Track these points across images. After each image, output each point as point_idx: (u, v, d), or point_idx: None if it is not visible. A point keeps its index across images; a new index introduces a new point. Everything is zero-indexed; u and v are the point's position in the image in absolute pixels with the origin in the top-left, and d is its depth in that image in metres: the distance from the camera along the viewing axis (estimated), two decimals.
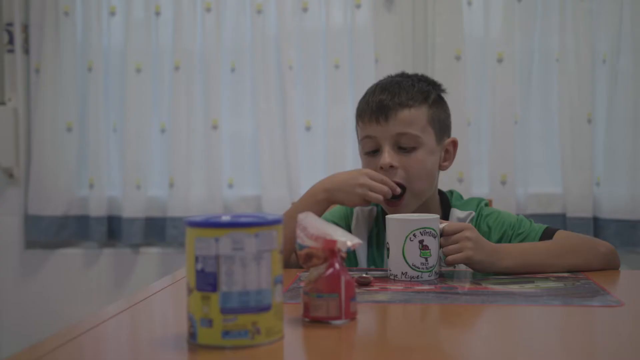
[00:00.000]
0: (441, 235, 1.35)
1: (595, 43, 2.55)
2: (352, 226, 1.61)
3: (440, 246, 1.35)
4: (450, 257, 1.34)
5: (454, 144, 1.60)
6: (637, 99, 2.51)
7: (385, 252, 1.39)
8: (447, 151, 1.59)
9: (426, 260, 1.32)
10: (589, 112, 2.53)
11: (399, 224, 1.34)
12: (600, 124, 2.57)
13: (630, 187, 2.52)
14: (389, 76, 1.62)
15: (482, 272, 1.38)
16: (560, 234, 1.50)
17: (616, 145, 2.55)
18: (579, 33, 2.53)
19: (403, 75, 1.61)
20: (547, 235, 1.50)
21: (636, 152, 2.51)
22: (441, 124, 1.56)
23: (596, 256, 1.45)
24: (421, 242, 1.32)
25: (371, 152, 1.53)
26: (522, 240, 1.52)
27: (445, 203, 1.61)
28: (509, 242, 1.53)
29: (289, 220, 1.17)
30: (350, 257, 1.59)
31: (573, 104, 2.54)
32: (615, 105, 2.54)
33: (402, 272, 1.33)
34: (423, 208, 1.54)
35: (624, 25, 2.53)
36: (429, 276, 1.33)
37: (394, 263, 1.34)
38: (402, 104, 1.50)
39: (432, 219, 1.35)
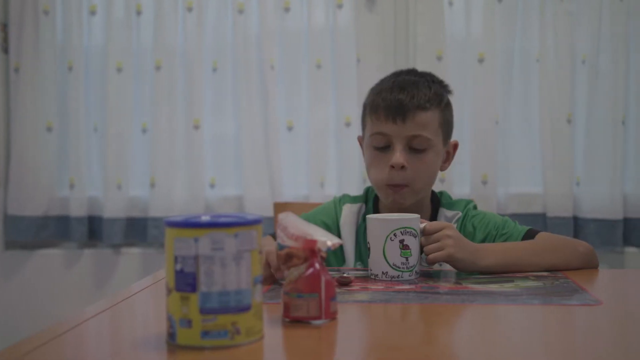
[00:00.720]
0: (422, 234, 1.36)
1: (575, 44, 2.57)
2: (341, 223, 1.62)
3: (421, 246, 1.35)
4: (431, 256, 1.35)
5: (455, 146, 1.63)
6: (616, 99, 2.53)
7: (366, 251, 1.39)
8: (448, 152, 1.61)
9: (407, 259, 1.33)
10: (569, 112, 2.55)
11: (380, 224, 1.35)
12: (580, 124, 2.59)
13: (610, 187, 2.54)
14: (400, 72, 1.62)
15: (464, 271, 1.39)
16: (542, 235, 1.51)
17: (596, 145, 2.57)
18: (559, 34, 2.55)
19: (417, 74, 1.60)
20: (529, 236, 1.52)
21: (616, 152, 2.53)
22: (449, 127, 1.60)
23: (575, 256, 1.47)
24: (402, 241, 1.33)
25: (380, 147, 1.54)
26: (505, 240, 1.53)
27: (435, 202, 1.63)
28: (493, 241, 1.54)
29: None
30: (338, 253, 1.60)
31: (553, 104, 2.56)
32: (595, 106, 2.56)
33: (382, 272, 1.33)
34: (416, 205, 1.56)
35: (603, 26, 2.55)
36: (409, 275, 1.33)
37: (375, 262, 1.34)
38: (420, 106, 1.51)
39: (412, 218, 1.35)
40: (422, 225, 1.36)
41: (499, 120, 2.59)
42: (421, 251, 1.36)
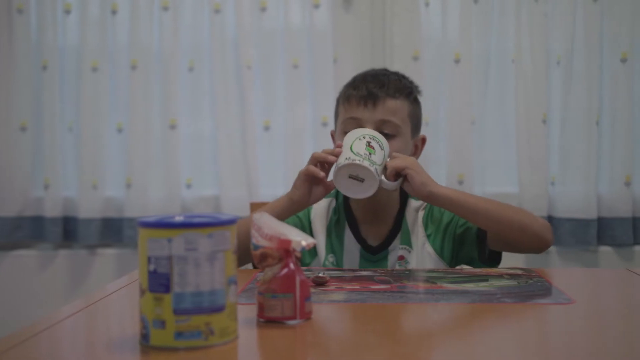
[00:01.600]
0: (388, 156, 1.48)
1: (550, 44, 2.59)
2: (312, 217, 1.66)
3: (385, 167, 1.46)
4: (393, 162, 1.46)
5: (423, 140, 1.71)
6: (590, 99, 2.56)
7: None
8: (416, 146, 1.68)
9: (369, 154, 1.44)
10: (544, 113, 2.57)
11: (353, 131, 1.52)
12: (555, 125, 2.61)
13: (584, 187, 2.56)
14: (372, 70, 1.71)
15: (417, 192, 1.46)
16: None
17: (570, 145, 2.59)
18: (534, 34, 2.57)
19: (388, 71, 1.71)
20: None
21: (590, 152, 2.56)
22: (417, 121, 1.68)
23: (532, 220, 1.53)
24: (369, 142, 1.47)
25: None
26: (464, 225, 1.61)
27: (403, 195, 1.67)
28: (457, 224, 1.62)
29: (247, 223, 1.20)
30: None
31: (529, 105, 2.58)
32: (570, 106, 2.58)
33: (345, 158, 1.44)
34: (386, 196, 1.61)
35: (578, 27, 2.57)
36: (369, 165, 1.42)
37: (341, 156, 1.45)
38: (390, 95, 1.60)
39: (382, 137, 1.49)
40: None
41: (475, 120, 2.61)
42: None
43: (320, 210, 1.67)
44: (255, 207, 2.03)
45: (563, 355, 0.93)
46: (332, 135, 1.71)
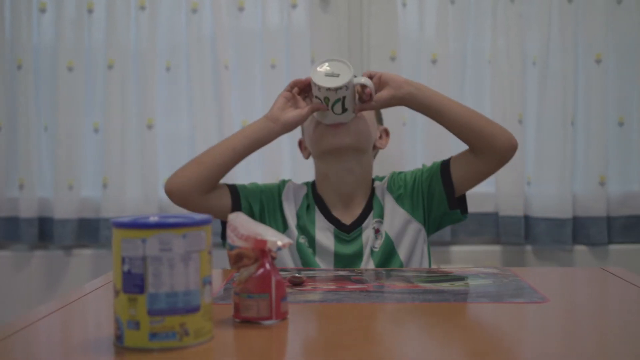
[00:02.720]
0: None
1: (525, 45, 2.61)
2: (283, 196, 1.72)
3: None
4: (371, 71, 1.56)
5: (386, 132, 1.81)
6: (566, 100, 2.58)
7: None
8: (380, 136, 1.79)
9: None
10: (520, 113, 2.59)
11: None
12: (531, 125, 2.63)
13: (560, 187, 2.58)
14: None
15: (395, 87, 1.55)
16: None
17: (546, 145, 2.61)
18: (510, 35, 2.59)
19: None
20: (446, 163, 1.71)
21: (565, 152, 2.58)
22: (378, 111, 1.81)
23: (499, 129, 1.64)
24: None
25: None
26: (429, 170, 1.71)
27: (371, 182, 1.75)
28: (422, 177, 1.71)
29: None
30: (279, 222, 1.70)
31: (505, 105, 2.59)
32: (545, 107, 2.60)
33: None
34: (356, 182, 1.69)
35: (553, 28, 2.59)
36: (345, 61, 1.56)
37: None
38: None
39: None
40: (362, 80, 1.56)
41: None
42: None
43: (292, 189, 1.73)
44: None
45: (536, 353, 0.94)
46: (300, 144, 1.78)
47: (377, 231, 1.65)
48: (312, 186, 1.75)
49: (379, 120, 1.81)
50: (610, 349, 0.96)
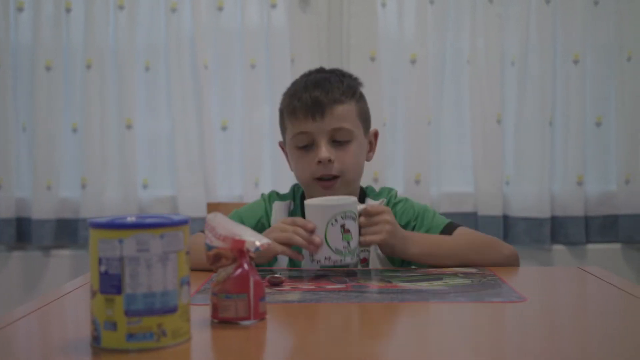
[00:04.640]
0: (360, 216, 1.38)
1: (504, 46, 2.63)
2: (272, 220, 1.61)
3: (360, 227, 1.38)
4: (368, 238, 1.38)
5: (376, 134, 1.68)
6: (544, 100, 2.60)
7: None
8: (370, 143, 1.66)
9: (348, 243, 1.35)
10: (498, 113, 2.61)
11: (320, 210, 1.36)
12: (509, 125, 2.65)
13: (538, 186, 2.60)
14: (309, 72, 1.64)
15: (391, 255, 1.45)
16: (461, 231, 1.55)
17: (524, 145, 2.63)
18: (489, 36, 2.60)
19: (326, 71, 1.64)
20: (447, 230, 1.56)
21: (543, 152, 2.60)
22: (366, 117, 1.63)
23: (499, 257, 1.52)
24: (343, 226, 1.35)
25: (304, 146, 1.56)
26: (425, 232, 1.57)
27: (362, 194, 1.66)
28: (413, 230, 1.57)
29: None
30: None
31: (484, 105, 2.61)
32: (524, 107, 2.62)
33: (325, 258, 1.35)
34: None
35: (531, 29, 2.61)
36: (351, 259, 1.36)
37: (319, 253, 1.35)
38: (336, 100, 1.54)
39: (351, 202, 1.38)
40: (361, 207, 1.39)
41: (431, 120, 2.63)
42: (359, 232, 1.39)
43: (280, 214, 1.61)
44: (212, 207, 2.02)
45: (514, 352, 0.94)
46: (282, 147, 1.67)
47: (363, 260, 1.58)
48: (299, 197, 1.64)
49: (367, 128, 1.64)
50: (588, 348, 0.96)
